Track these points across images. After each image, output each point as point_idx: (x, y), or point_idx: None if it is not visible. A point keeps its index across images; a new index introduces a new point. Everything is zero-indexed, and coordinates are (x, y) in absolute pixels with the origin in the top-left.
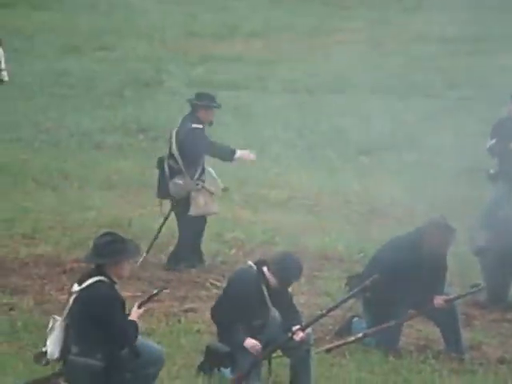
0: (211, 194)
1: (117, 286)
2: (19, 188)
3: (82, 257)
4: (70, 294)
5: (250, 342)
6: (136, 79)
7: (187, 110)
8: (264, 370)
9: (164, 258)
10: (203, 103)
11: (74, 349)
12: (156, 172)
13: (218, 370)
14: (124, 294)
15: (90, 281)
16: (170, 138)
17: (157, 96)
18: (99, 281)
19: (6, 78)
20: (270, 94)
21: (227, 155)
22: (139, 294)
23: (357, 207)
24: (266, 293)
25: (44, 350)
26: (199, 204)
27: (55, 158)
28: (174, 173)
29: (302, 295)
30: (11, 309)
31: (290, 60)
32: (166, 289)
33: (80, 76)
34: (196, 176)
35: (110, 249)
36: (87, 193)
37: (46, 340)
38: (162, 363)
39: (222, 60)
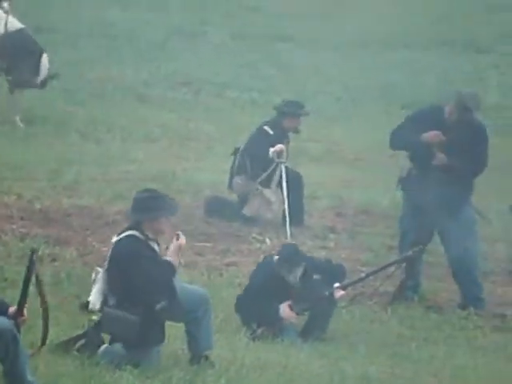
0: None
1: (152, 242)
2: (63, 139)
3: (124, 210)
4: (111, 245)
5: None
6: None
7: (232, 63)
8: None
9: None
10: (290, 110)
11: (111, 300)
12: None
13: None
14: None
15: (122, 235)
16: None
17: (200, 48)
18: (129, 235)
19: None
20: (317, 48)
21: None
22: None
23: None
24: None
25: (88, 300)
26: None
27: (99, 110)
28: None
29: (343, 250)
30: (54, 259)
31: (338, 14)
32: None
33: (123, 28)
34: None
35: (147, 205)
36: (130, 145)
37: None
38: (206, 303)
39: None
